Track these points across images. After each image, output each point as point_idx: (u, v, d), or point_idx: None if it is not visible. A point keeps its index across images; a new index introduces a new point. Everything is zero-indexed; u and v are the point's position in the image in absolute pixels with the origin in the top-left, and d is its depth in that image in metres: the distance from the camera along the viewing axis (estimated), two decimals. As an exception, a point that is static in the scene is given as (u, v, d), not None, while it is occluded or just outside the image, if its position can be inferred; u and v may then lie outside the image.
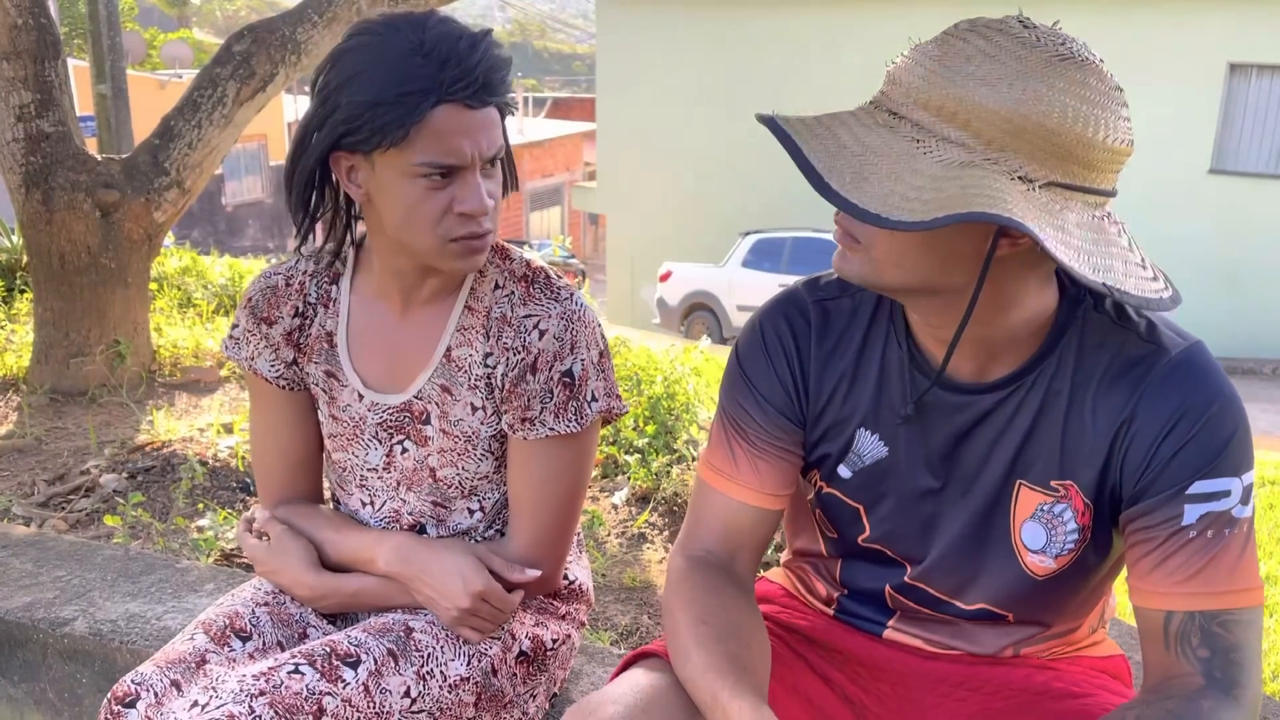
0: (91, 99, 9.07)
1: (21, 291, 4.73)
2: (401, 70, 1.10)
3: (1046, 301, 0.99)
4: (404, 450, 1.34)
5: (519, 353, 1.27)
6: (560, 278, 1.32)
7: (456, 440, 1.32)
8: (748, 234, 13.44)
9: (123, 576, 2.00)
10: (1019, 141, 0.85)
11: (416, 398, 1.31)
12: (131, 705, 1.14)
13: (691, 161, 16.14)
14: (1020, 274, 0.95)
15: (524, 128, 29.85)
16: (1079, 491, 1.01)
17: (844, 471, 1.12)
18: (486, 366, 1.29)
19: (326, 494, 1.49)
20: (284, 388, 1.37)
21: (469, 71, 1.11)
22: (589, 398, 1.29)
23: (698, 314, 13.39)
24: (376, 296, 1.32)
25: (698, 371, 3.89)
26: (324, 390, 1.35)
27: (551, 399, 1.27)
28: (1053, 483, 1.02)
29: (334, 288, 1.34)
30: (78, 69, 10.96)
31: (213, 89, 3.72)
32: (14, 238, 4.96)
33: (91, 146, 4.38)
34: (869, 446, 1.10)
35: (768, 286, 10.80)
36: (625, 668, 1.13)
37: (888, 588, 1.15)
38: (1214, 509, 0.94)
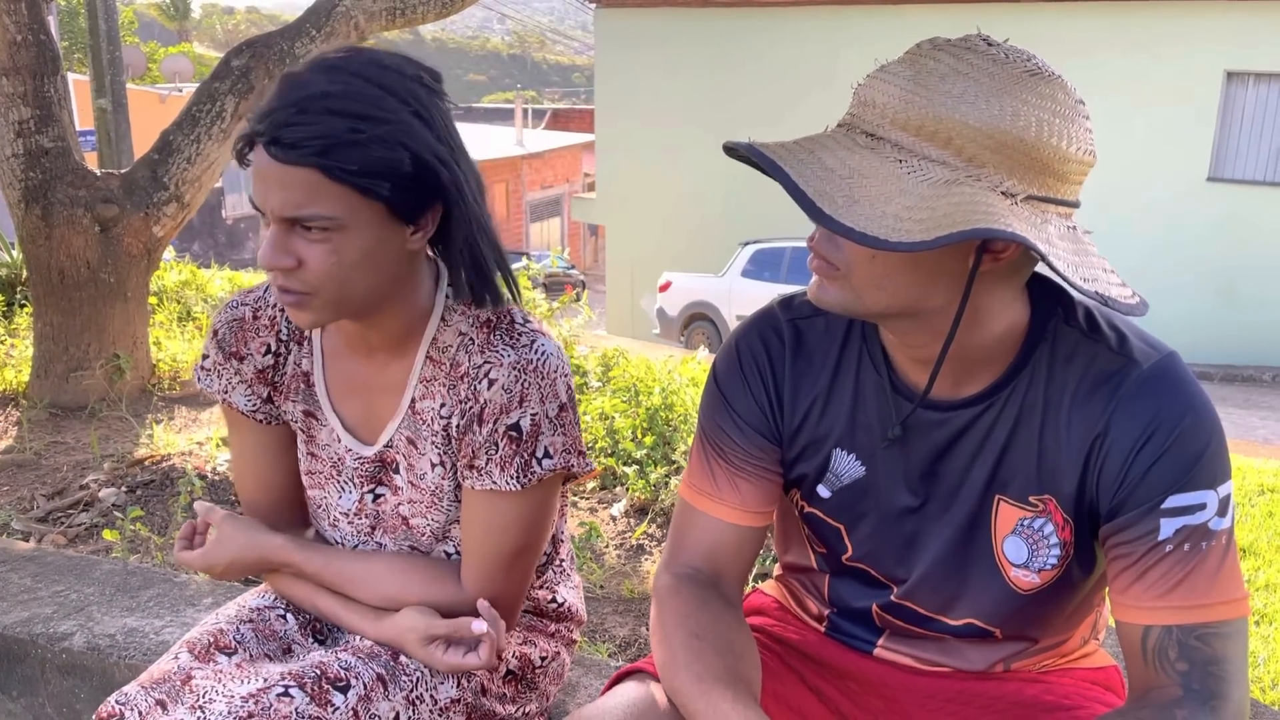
0: (92, 113, 9.10)
1: (21, 306, 4.74)
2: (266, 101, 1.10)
3: (1018, 316, 0.99)
4: (377, 497, 1.31)
5: (468, 402, 1.21)
6: (528, 322, 1.24)
7: (423, 493, 1.28)
8: (747, 244, 13.44)
9: (121, 591, 2.01)
10: (1000, 157, 0.86)
11: (387, 446, 1.28)
12: None
13: (691, 172, 16.16)
14: (995, 290, 0.95)
15: (524, 139, 29.91)
16: (1058, 506, 1.02)
17: (823, 491, 1.12)
18: (442, 418, 1.24)
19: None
20: (262, 421, 1.33)
21: (267, 117, 1.07)
22: (539, 454, 1.20)
23: (697, 324, 13.38)
24: (350, 344, 1.28)
25: (696, 382, 3.89)
26: (302, 429, 1.32)
27: (497, 451, 1.20)
28: (1031, 498, 1.02)
29: None
30: (78, 83, 11.00)
31: (211, 103, 3.74)
32: (14, 253, 4.98)
33: (92, 161, 4.40)
34: (846, 466, 1.10)
35: (767, 296, 10.75)
36: (614, 684, 1.13)
37: (875, 606, 1.15)
38: (1190, 522, 0.93)
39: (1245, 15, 12.59)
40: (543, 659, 1.41)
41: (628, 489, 2.90)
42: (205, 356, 1.32)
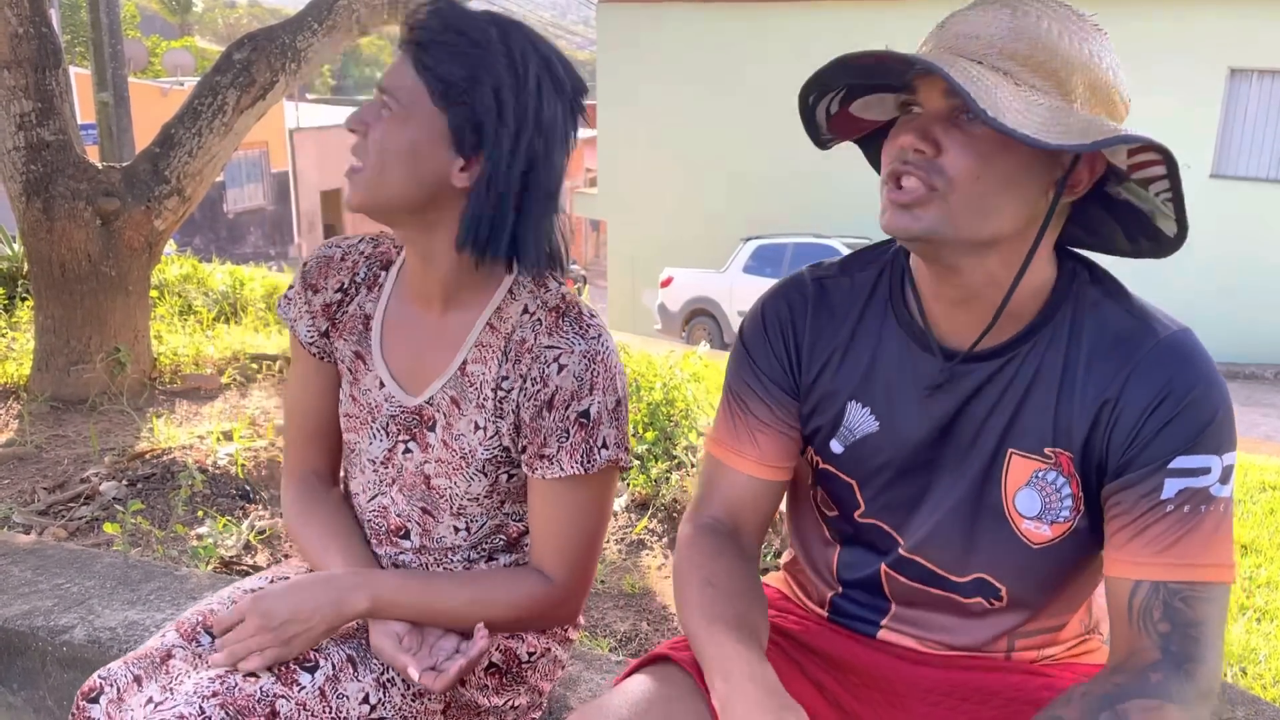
0: (93, 107, 9.09)
1: (23, 299, 4.75)
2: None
3: (1047, 274, 1.03)
4: (406, 451, 1.34)
5: (536, 383, 1.24)
6: (594, 317, 1.29)
7: (453, 454, 1.31)
8: (749, 240, 13.45)
9: (122, 584, 2.01)
10: (1089, 92, 0.95)
11: (428, 403, 1.31)
12: (95, 700, 1.15)
13: (692, 167, 16.15)
14: (1045, 237, 1.00)
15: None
16: (1070, 460, 1.04)
17: (835, 446, 1.15)
18: (501, 390, 1.27)
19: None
20: (315, 355, 1.38)
21: (421, 19, 1.22)
22: (599, 444, 1.26)
23: (699, 320, 13.40)
24: (415, 295, 1.32)
25: (697, 377, 3.89)
26: (349, 370, 1.36)
27: (568, 438, 1.25)
28: (1046, 450, 1.05)
29: (384, 273, 1.36)
30: (80, 76, 11.00)
31: (213, 97, 3.73)
32: (15, 246, 4.98)
33: (93, 154, 4.39)
34: (859, 420, 1.13)
35: (768, 292, 10.78)
36: (632, 673, 1.13)
37: (883, 567, 1.16)
38: (1193, 484, 0.96)
39: (1249, 12, 12.57)
40: (530, 654, 1.40)
41: (629, 484, 2.90)
42: (290, 288, 1.40)
